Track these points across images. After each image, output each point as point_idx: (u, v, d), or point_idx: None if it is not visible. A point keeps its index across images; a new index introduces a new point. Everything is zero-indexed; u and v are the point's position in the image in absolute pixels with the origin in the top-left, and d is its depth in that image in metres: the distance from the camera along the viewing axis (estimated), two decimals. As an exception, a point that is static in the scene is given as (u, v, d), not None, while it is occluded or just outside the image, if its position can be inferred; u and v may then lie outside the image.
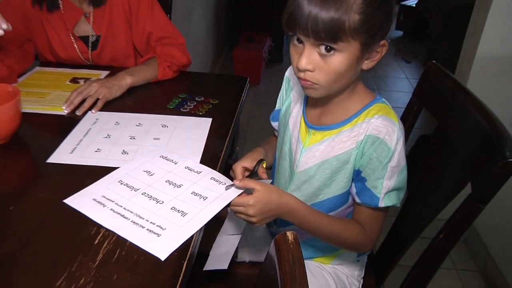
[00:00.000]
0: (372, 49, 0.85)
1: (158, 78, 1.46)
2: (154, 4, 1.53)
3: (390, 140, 0.88)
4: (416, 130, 1.19)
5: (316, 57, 0.83)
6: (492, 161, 0.83)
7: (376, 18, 0.81)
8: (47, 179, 1.00)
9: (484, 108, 0.93)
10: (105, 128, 1.19)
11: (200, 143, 1.12)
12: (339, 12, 0.77)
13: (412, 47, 5.07)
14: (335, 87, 0.88)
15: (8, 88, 1.17)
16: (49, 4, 1.46)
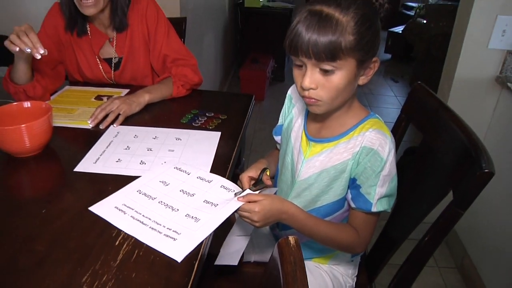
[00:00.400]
0: (366, 65, 0.86)
1: (172, 95, 1.47)
2: (170, 30, 1.54)
3: (382, 151, 0.88)
4: (404, 143, 1.19)
5: (318, 76, 0.84)
6: (470, 172, 0.83)
7: (368, 36, 0.82)
8: (74, 186, 1.00)
9: (463, 124, 0.93)
10: (125, 141, 1.19)
11: (210, 155, 1.12)
12: (335, 35, 0.79)
13: (399, 68, 5.09)
14: (336, 103, 0.89)
15: (42, 105, 1.18)
16: (79, 30, 1.48)
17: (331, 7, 0.81)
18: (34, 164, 1.08)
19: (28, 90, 1.35)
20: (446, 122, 0.98)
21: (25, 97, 1.36)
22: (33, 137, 1.07)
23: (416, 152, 1.11)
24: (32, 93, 1.36)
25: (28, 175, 1.06)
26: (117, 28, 1.48)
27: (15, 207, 0.91)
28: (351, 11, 0.80)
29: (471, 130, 0.90)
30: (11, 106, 1.17)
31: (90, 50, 1.52)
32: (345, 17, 0.79)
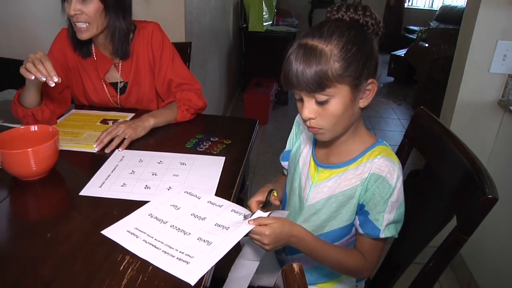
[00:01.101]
0: (362, 89, 0.87)
1: (177, 120, 1.48)
2: (175, 55, 1.56)
3: (391, 178, 0.89)
4: (407, 165, 1.19)
5: (315, 106, 0.86)
6: (473, 197, 0.83)
7: (357, 61, 0.83)
8: (79, 210, 1.00)
9: (466, 149, 0.93)
10: (130, 165, 1.20)
11: (215, 180, 1.12)
12: (320, 64, 0.81)
13: (402, 91, 5.12)
14: (338, 128, 0.91)
15: (48, 129, 1.20)
16: (83, 53, 1.50)
17: (315, 38, 0.83)
18: (40, 187, 1.09)
19: (37, 114, 1.37)
20: (449, 147, 0.98)
21: (33, 121, 1.38)
22: (40, 161, 1.08)
23: (420, 175, 1.11)
24: (40, 117, 1.38)
25: (34, 198, 1.07)
26: (122, 57, 1.51)
27: (21, 231, 0.92)
28: (333, 39, 0.82)
29: (474, 155, 0.90)
30: (18, 130, 1.19)
31: (96, 74, 1.55)
32: (328, 46, 0.82)
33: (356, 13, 0.87)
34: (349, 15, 0.87)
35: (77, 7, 1.31)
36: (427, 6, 7.31)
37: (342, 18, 0.88)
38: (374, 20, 0.88)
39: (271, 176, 2.86)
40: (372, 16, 0.88)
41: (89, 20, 1.35)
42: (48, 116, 1.41)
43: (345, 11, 0.87)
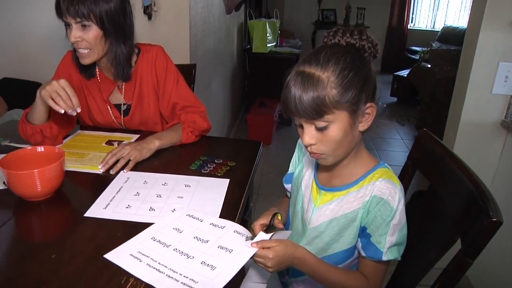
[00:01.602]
0: (361, 113, 0.88)
1: (182, 141, 1.49)
2: (179, 78, 1.58)
3: (392, 200, 0.89)
4: (411, 186, 1.20)
5: (314, 132, 0.87)
6: (478, 220, 0.83)
7: (354, 86, 0.84)
8: (84, 232, 1.01)
9: (469, 172, 0.93)
10: (135, 187, 1.20)
11: (219, 202, 1.12)
12: (317, 91, 0.82)
13: (405, 111, 5.14)
14: (340, 153, 0.91)
15: (55, 150, 1.21)
16: (88, 75, 1.54)
17: (312, 65, 0.85)
18: (45, 208, 1.10)
19: (45, 130, 1.39)
20: (452, 170, 0.98)
21: (41, 137, 1.39)
22: (45, 182, 1.08)
23: (424, 197, 1.11)
24: (48, 133, 1.39)
25: (39, 219, 1.07)
26: (123, 79, 1.53)
27: (26, 252, 0.92)
28: (330, 66, 0.83)
29: (477, 177, 0.91)
30: (25, 151, 1.20)
31: (100, 96, 1.57)
32: (325, 73, 0.83)
33: (352, 37, 0.88)
34: (345, 39, 0.89)
35: (77, 34, 1.34)
36: (429, 27, 7.38)
37: (338, 43, 0.89)
38: (371, 43, 0.89)
39: (274, 197, 2.86)
40: (368, 39, 0.89)
41: (89, 47, 1.38)
42: (56, 132, 1.43)
43: (341, 36, 0.89)
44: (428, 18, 7.38)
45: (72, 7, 1.29)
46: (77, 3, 1.29)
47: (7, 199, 1.12)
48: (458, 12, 6.93)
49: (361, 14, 6.91)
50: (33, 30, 2.32)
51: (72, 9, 1.29)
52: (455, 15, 6.99)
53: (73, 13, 1.30)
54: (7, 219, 1.04)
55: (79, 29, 1.34)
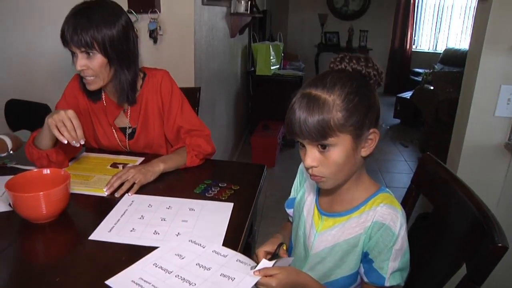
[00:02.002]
0: (364, 138, 0.89)
1: (186, 165, 1.49)
2: (184, 102, 1.60)
3: (394, 226, 0.89)
4: (416, 208, 1.19)
5: (317, 154, 0.88)
6: (483, 245, 0.83)
7: (359, 111, 0.85)
8: (89, 255, 1.01)
9: (473, 196, 0.93)
10: (139, 210, 1.20)
11: (223, 226, 1.12)
12: (323, 114, 0.83)
13: (408, 133, 5.14)
14: (340, 176, 0.92)
15: (60, 172, 1.22)
16: (94, 99, 1.56)
17: (318, 88, 0.86)
18: (50, 230, 1.10)
19: (51, 155, 1.40)
20: (456, 194, 0.99)
21: (47, 162, 1.40)
22: (50, 204, 1.09)
23: (428, 220, 1.11)
24: (54, 158, 1.41)
25: (43, 241, 1.07)
26: (129, 103, 1.55)
27: (30, 274, 0.92)
28: (336, 90, 0.85)
29: (481, 202, 0.91)
30: (31, 173, 1.22)
31: (105, 119, 1.59)
32: (331, 96, 0.84)
33: (359, 64, 0.90)
34: (351, 66, 0.90)
35: (83, 63, 1.37)
36: (431, 49, 7.44)
37: (345, 68, 0.91)
38: (376, 71, 0.91)
39: (278, 220, 2.85)
40: (374, 67, 0.91)
41: (95, 74, 1.40)
42: (62, 158, 1.44)
43: (348, 62, 0.91)
44: (430, 40, 7.45)
45: (76, 36, 1.32)
46: (81, 33, 1.32)
47: (12, 221, 1.13)
48: (459, 34, 7.01)
49: (364, 36, 6.98)
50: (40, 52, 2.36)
51: (76, 39, 1.32)
52: (456, 37, 7.07)
53: (77, 42, 1.33)
54: (12, 241, 1.05)
55: (84, 58, 1.37)
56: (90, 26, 1.33)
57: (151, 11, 2.19)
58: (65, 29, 1.33)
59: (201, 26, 2.47)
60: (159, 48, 2.27)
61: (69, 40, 1.33)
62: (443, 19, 7.20)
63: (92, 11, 1.36)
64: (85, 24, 1.33)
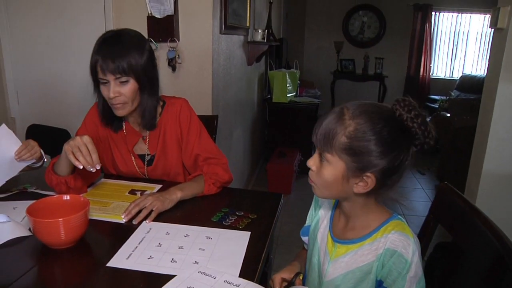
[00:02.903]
0: (357, 175, 0.89)
1: (204, 193, 1.50)
2: (202, 130, 1.62)
3: (406, 252, 0.89)
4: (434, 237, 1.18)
5: (317, 160, 0.92)
6: (506, 279, 0.81)
7: (363, 150, 0.85)
8: (106, 282, 1.01)
9: (494, 227, 0.92)
10: (157, 237, 1.21)
11: (240, 255, 1.12)
12: (334, 126, 0.86)
13: (425, 160, 5.08)
14: (326, 193, 0.95)
15: (80, 198, 1.24)
16: (115, 127, 1.59)
17: (350, 110, 0.88)
18: (68, 256, 1.11)
19: (70, 181, 1.42)
20: (476, 225, 0.97)
21: (66, 188, 1.43)
22: (69, 230, 1.10)
23: (447, 249, 1.09)
24: (73, 184, 1.43)
25: (62, 267, 1.08)
26: (148, 128, 1.58)
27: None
28: (361, 120, 0.86)
29: (503, 234, 0.89)
30: (52, 198, 1.24)
31: (125, 146, 1.62)
32: (351, 120, 0.86)
33: (420, 127, 0.88)
34: (409, 119, 0.88)
35: (116, 90, 1.40)
36: (447, 76, 7.42)
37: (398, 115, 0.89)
38: (428, 139, 0.89)
39: (294, 247, 2.82)
40: (429, 136, 0.89)
41: (126, 100, 1.44)
42: (80, 184, 1.46)
43: (413, 117, 0.88)
44: (446, 67, 7.43)
45: (113, 64, 1.36)
46: (117, 60, 1.36)
47: (32, 246, 1.14)
48: (476, 60, 6.99)
49: (379, 63, 7.02)
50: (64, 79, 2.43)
51: (112, 66, 1.36)
52: (473, 63, 7.05)
53: (113, 69, 1.37)
54: (31, 266, 1.06)
55: (117, 85, 1.40)
56: (125, 53, 1.38)
57: (170, 40, 2.24)
58: (99, 57, 1.37)
59: (219, 54, 2.52)
60: (177, 76, 2.31)
61: (104, 68, 1.37)
62: (458, 45, 7.22)
63: (124, 38, 1.41)
64: (121, 51, 1.37)
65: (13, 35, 2.44)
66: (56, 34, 2.41)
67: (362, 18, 7.39)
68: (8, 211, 1.30)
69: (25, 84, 2.51)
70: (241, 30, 3.12)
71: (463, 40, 7.15)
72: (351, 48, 7.45)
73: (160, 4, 2.19)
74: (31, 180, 1.59)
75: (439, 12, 7.15)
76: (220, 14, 2.46)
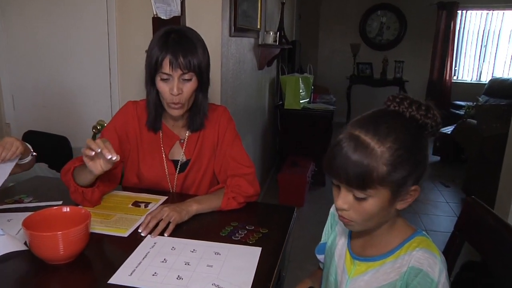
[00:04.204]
0: (403, 193, 0.89)
1: (221, 207, 1.49)
2: (236, 137, 1.67)
3: (432, 272, 0.88)
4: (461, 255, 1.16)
5: (350, 198, 0.89)
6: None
7: (404, 168, 0.85)
8: (107, 301, 1.01)
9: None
10: (162, 252, 1.21)
11: (250, 272, 1.12)
12: (367, 163, 0.83)
13: (450, 171, 5.04)
14: (369, 225, 0.93)
15: (81, 211, 1.23)
16: (155, 128, 1.60)
17: (368, 134, 0.86)
18: (67, 272, 1.11)
19: (87, 193, 1.43)
20: (508, 243, 0.96)
21: (81, 198, 1.43)
22: (69, 245, 1.10)
23: (475, 270, 1.08)
24: (89, 197, 1.43)
25: (60, 284, 1.08)
26: (193, 129, 1.61)
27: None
28: (388, 141, 0.85)
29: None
30: (50, 210, 1.23)
31: (158, 149, 1.63)
32: (381, 147, 0.84)
33: (418, 112, 0.89)
34: (410, 112, 0.90)
35: (180, 86, 1.45)
36: (474, 80, 7.33)
37: (401, 112, 0.90)
38: (435, 122, 0.90)
39: (307, 264, 2.81)
40: (434, 117, 0.90)
41: (185, 100, 1.48)
42: (96, 197, 1.46)
43: (407, 106, 0.90)
44: (473, 70, 7.34)
45: (184, 59, 1.40)
46: (189, 55, 1.41)
47: (28, 261, 1.14)
48: (507, 62, 6.88)
49: (399, 67, 6.98)
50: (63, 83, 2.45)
51: (183, 61, 1.40)
52: (504, 65, 6.94)
53: (183, 65, 1.41)
54: (26, 283, 1.06)
55: (181, 82, 1.44)
56: (195, 50, 1.43)
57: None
58: (169, 51, 1.40)
59: (228, 59, 2.53)
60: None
61: (173, 63, 1.40)
62: (488, 46, 7.12)
63: (190, 35, 1.46)
64: (192, 48, 1.42)
65: (9, 37, 2.47)
66: (55, 36, 2.43)
67: (380, 19, 7.40)
68: (2, 223, 1.31)
69: (21, 88, 2.53)
70: (251, 32, 3.13)
71: (494, 40, 7.03)
72: (368, 50, 7.46)
73: (166, 4, 2.20)
74: (28, 191, 1.60)
75: (466, 10, 7.08)
76: (229, 15, 2.48)
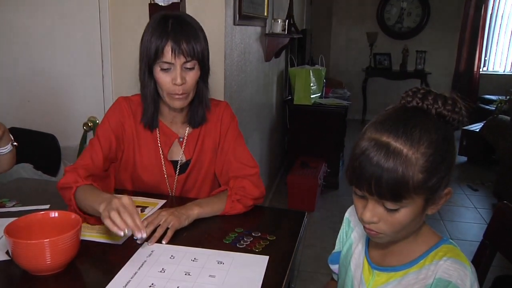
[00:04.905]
0: (436, 198, 0.90)
1: (225, 211, 1.49)
2: (239, 136, 1.68)
3: (463, 285, 0.87)
4: (493, 268, 1.16)
5: (380, 210, 0.88)
6: None
7: (439, 173, 0.85)
8: (100, 316, 1.01)
9: None
10: (160, 261, 1.21)
11: (257, 283, 1.12)
12: (402, 173, 0.82)
13: (478, 173, 5.02)
14: (400, 236, 0.93)
15: (70, 216, 1.23)
16: (152, 125, 1.60)
17: (399, 140, 0.84)
18: (54, 284, 1.11)
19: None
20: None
21: None
22: (57, 254, 1.09)
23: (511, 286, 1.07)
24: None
25: (45, 299, 1.08)
26: (195, 123, 1.62)
27: None
28: (422, 146, 0.84)
29: None
30: (35, 216, 1.22)
31: (155, 150, 1.63)
32: (416, 153, 0.83)
33: (445, 107, 0.89)
34: (436, 108, 0.89)
35: (184, 75, 1.46)
36: (508, 71, 7.23)
37: (426, 109, 0.89)
38: (461, 116, 0.90)
39: (318, 275, 2.81)
40: (460, 112, 0.89)
41: (188, 90, 1.49)
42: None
43: (432, 102, 0.89)
44: (506, 60, 7.23)
45: (187, 46, 1.42)
46: (192, 42, 1.42)
47: (9, 272, 1.14)
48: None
49: (421, 58, 6.94)
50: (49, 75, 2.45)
51: (186, 48, 1.42)
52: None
53: (186, 51, 1.42)
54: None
55: (183, 71, 1.46)
56: (197, 35, 1.45)
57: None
58: (169, 38, 1.41)
59: (232, 49, 2.53)
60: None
61: (175, 50, 1.41)
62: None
63: (190, 20, 1.48)
64: (193, 34, 1.44)
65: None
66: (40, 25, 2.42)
67: (400, 4, 7.37)
68: (-18, 230, 1.31)
69: (3, 82, 2.52)
70: (258, 20, 3.13)
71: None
72: (387, 40, 7.44)
73: (164, -11, 2.21)
74: (11, 194, 1.60)
75: (500, -8, 6.97)
76: (233, 1, 2.47)
